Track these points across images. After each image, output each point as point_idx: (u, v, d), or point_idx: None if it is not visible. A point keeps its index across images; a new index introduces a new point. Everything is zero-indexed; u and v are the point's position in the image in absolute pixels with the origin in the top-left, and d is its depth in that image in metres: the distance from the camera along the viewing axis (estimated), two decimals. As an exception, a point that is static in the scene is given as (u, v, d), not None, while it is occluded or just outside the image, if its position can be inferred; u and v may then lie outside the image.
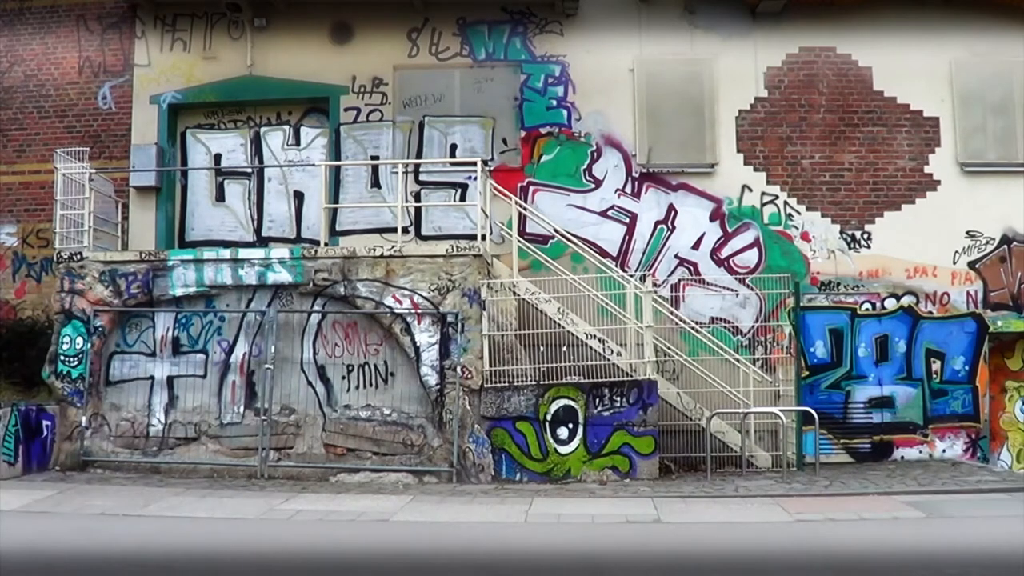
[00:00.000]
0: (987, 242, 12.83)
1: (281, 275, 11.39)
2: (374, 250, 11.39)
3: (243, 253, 11.66)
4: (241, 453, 11.17)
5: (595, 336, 11.45)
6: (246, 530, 8.05)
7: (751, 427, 11.73)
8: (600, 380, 10.98)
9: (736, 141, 13.08)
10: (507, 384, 10.99)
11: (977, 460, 12.21)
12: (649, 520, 8.51)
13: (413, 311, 11.12)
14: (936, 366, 12.45)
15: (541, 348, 11.33)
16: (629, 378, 11.05)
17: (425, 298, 11.14)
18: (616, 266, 12.63)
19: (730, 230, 12.95)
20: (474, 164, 12.19)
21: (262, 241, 13.35)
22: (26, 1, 14.08)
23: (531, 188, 13.06)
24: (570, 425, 10.79)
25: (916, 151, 13.02)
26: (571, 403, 10.81)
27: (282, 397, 11.24)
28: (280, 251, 11.70)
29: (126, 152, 13.55)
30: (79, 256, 11.73)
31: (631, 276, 12.05)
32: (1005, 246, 12.82)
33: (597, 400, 10.80)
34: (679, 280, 12.81)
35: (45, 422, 11.17)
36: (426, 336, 11.07)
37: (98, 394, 11.54)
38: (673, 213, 12.99)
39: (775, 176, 13.03)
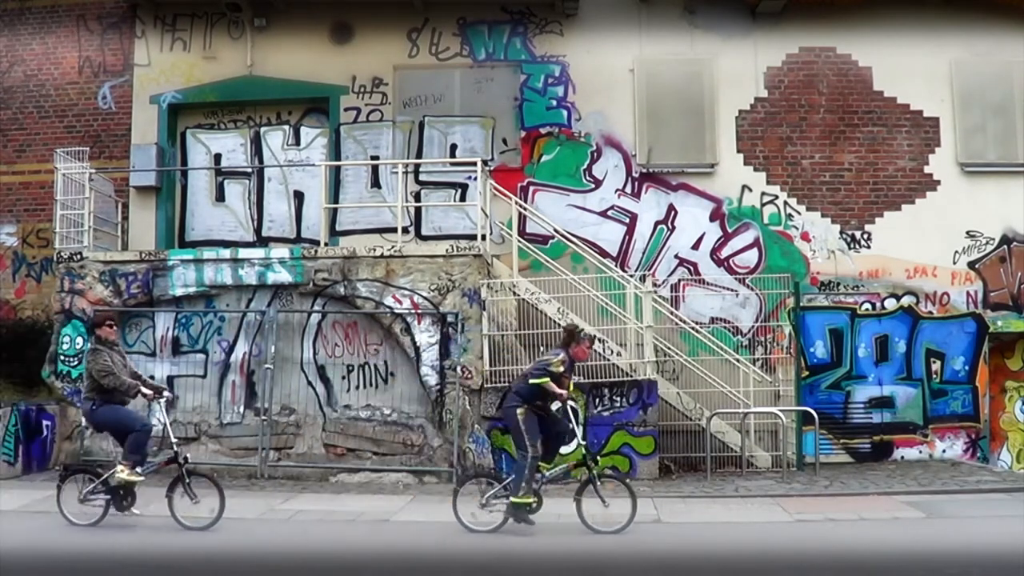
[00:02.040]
0: (987, 242, 12.82)
1: (281, 275, 11.38)
2: (374, 250, 11.39)
3: (243, 253, 11.66)
4: (241, 453, 11.17)
5: (595, 336, 11.43)
6: (246, 530, 8.05)
7: (751, 427, 11.72)
8: (600, 380, 10.98)
9: (736, 141, 13.07)
10: (507, 384, 10.97)
11: (977, 460, 12.20)
12: (649, 520, 8.50)
13: (413, 311, 11.12)
14: (936, 366, 12.44)
15: (541, 348, 11.31)
16: (629, 378, 11.05)
17: (425, 298, 11.14)
18: (616, 266, 12.62)
19: (730, 230, 12.94)
20: (474, 164, 12.18)
21: (262, 241, 13.34)
22: (26, 1, 14.07)
23: (531, 188, 13.06)
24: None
25: (916, 151, 13.01)
26: (571, 403, 10.78)
27: (282, 397, 11.24)
28: (280, 251, 11.70)
29: (126, 152, 13.54)
30: (79, 256, 11.73)
31: (631, 276, 12.04)
32: (1005, 246, 12.81)
33: (597, 400, 10.80)
34: (679, 280, 12.79)
35: (45, 422, 11.17)
36: (426, 336, 11.07)
37: (98, 394, 11.52)
38: (673, 213, 12.99)
39: (775, 176, 13.03)
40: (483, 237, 11.63)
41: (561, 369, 7.94)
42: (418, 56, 13.42)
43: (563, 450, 10.56)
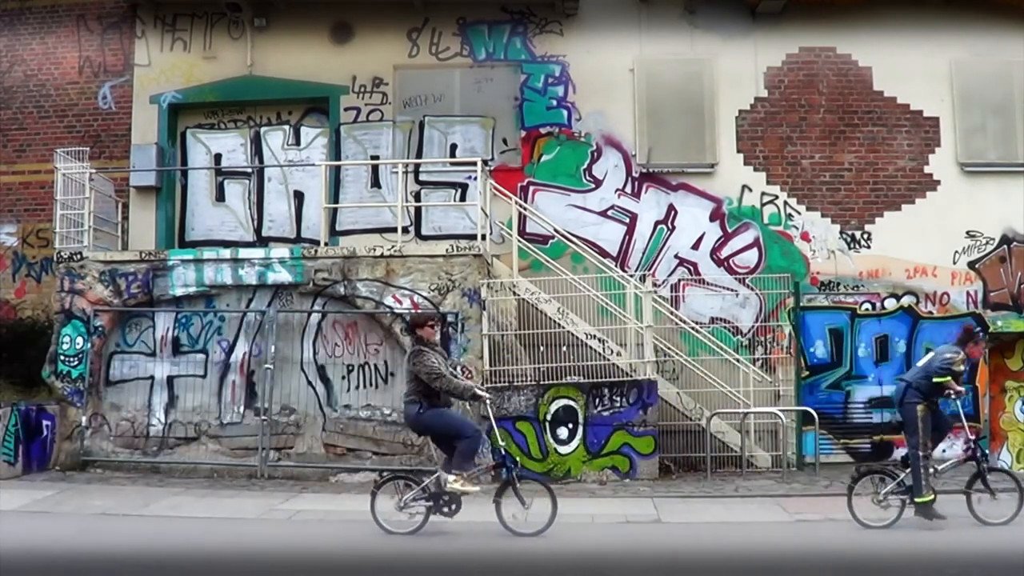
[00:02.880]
0: (987, 242, 12.82)
1: (281, 275, 11.38)
2: (374, 250, 11.39)
3: (243, 253, 11.66)
4: (241, 453, 11.17)
5: (595, 336, 11.44)
6: (246, 530, 8.06)
7: (751, 427, 11.72)
8: (600, 380, 10.98)
9: (736, 141, 13.07)
10: (507, 384, 10.99)
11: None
12: (649, 520, 8.52)
13: (413, 311, 11.11)
14: (936, 366, 12.41)
15: (541, 348, 11.32)
16: (629, 378, 11.04)
17: (425, 298, 11.14)
18: (616, 266, 12.62)
19: (730, 230, 12.94)
20: (474, 164, 12.18)
21: (262, 241, 13.34)
22: (26, 1, 14.07)
23: (531, 188, 13.06)
24: (570, 425, 10.79)
25: (916, 151, 13.01)
26: (571, 403, 10.81)
27: (282, 397, 11.24)
28: (280, 251, 11.70)
29: (126, 152, 13.54)
30: (79, 256, 11.73)
31: (631, 276, 12.04)
32: (1005, 246, 12.81)
33: (597, 400, 10.79)
34: (679, 280, 12.80)
35: (45, 422, 11.17)
36: (426, 336, 11.04)
37: (98, 394, 11.54)
38: (673, 213, 12.99)
39: (775, 176, 13.03)
40: (483, 237, 11.63)
41: (961, 368, 8.06)
42: (418, 56, 13.42)
43: (562, 450, 10.70)
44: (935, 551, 7.13)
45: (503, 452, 7.75)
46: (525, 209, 12.73)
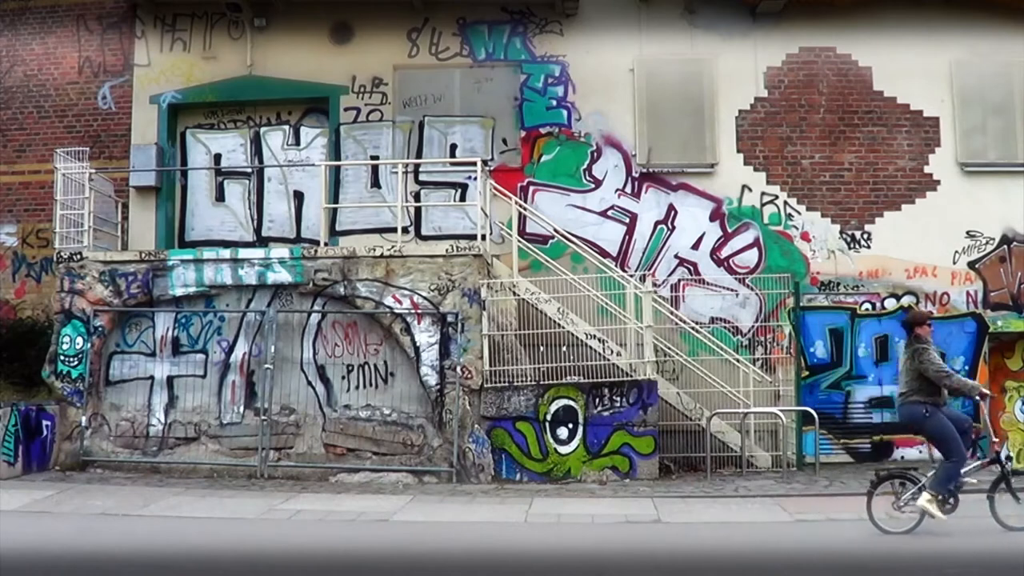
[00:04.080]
0: (987, 242, 12.82)
1: (281, 275, 11.38)
2: (374, 250, 11.39)
3: (243, 253, 11.67)
4: (241, 453, 11.17)
5: (595, 336, 11.44)
6: (246, 530, 8.06)
7: (751, 427, 11.73)
8: (600, 380, 10.98)
9: (736, 141, 13.07)
10: (507, 384, 10.99)
11: (977, 460, 12.16)
12: (649, 520, 8.52)
13: (413, 311, 11.12)
14: (936, 366, 12.41)
15: (541, 348, 11.32)
16: (629, 378, 11.05)
17: (425, 298, 11.14)
18: (616, 266, 12.62)
19: (730, 230, 12.94)
20: (474, 164, 12.19)
21: (262, 241, 13.34)
22: (26, 1, 14.08)
23: (531, 188, 13.06)
24: (570, 425, 10.79)
25: (916, 151, 13.01)
26: (571, 403, 10.81)
27: (282, 397, 11.24)
28: (280, 251, 11.70)
29: (126, 152, 13.55)
30: (79, 256, 11.73)
31: (631, 276, 12.04)
32: (1005, 246, 12.81)
33: (597, 400, 10.80)
34: (679, 280, 12.80)
35: (45, 422, 11.18)
36: (426, 336, 11.07)
37: (98, 394, 11.54)
38: (673, 213, 12.99)
39: (775, 176, 13.03)
40: (483, 237, 11.63)
41: None
42: (418, 56, 13.42)
43: (562, 450, 10.70)
44: (935, 551, 7.12)
45: (996, 449, 7.71)
46: (525, 209, 12.73)
